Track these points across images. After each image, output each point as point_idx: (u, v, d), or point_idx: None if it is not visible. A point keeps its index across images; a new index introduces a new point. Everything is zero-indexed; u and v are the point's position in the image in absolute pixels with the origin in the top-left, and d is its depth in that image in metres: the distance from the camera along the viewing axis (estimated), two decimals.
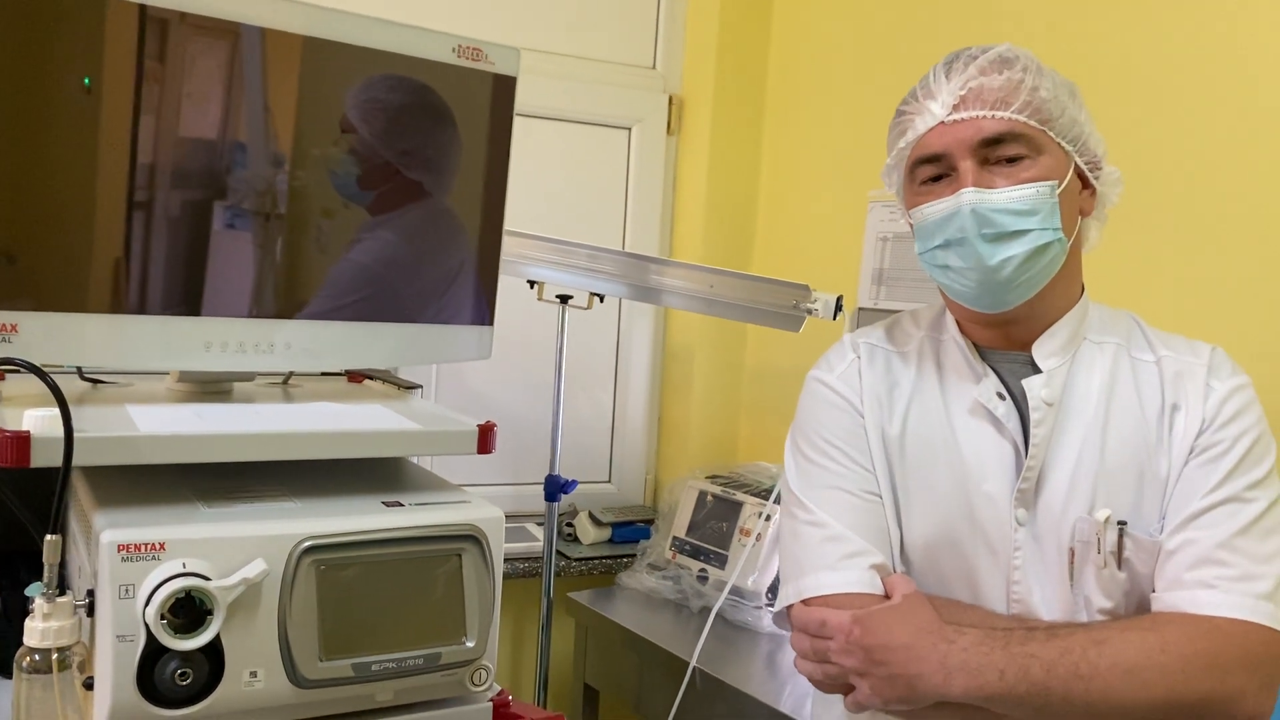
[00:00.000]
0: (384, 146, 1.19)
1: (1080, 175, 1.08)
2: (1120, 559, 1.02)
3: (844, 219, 2.26)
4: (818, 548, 1.09)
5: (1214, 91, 1.60)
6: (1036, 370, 1.08)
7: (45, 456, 0.90)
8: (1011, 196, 1.02)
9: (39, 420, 0.91)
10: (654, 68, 2.53)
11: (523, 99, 1.29)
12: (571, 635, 2.17)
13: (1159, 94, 1.67)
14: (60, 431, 0.90)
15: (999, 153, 1.03)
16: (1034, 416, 1.06)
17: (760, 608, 1.92)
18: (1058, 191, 1.03)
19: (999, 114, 1.02)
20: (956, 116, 1.03)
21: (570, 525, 2.42)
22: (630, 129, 2.49)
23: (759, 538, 1.96)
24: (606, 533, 2.40)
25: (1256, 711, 0.94)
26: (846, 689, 1.03)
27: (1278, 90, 1.52)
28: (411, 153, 1.22)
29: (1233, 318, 1.57)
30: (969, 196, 1.02)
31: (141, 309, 1.08)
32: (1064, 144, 1.05)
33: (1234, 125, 1.57)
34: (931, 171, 1.07)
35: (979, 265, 1.03)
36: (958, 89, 1.04)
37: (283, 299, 1.16)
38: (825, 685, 1.05)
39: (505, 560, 2.03)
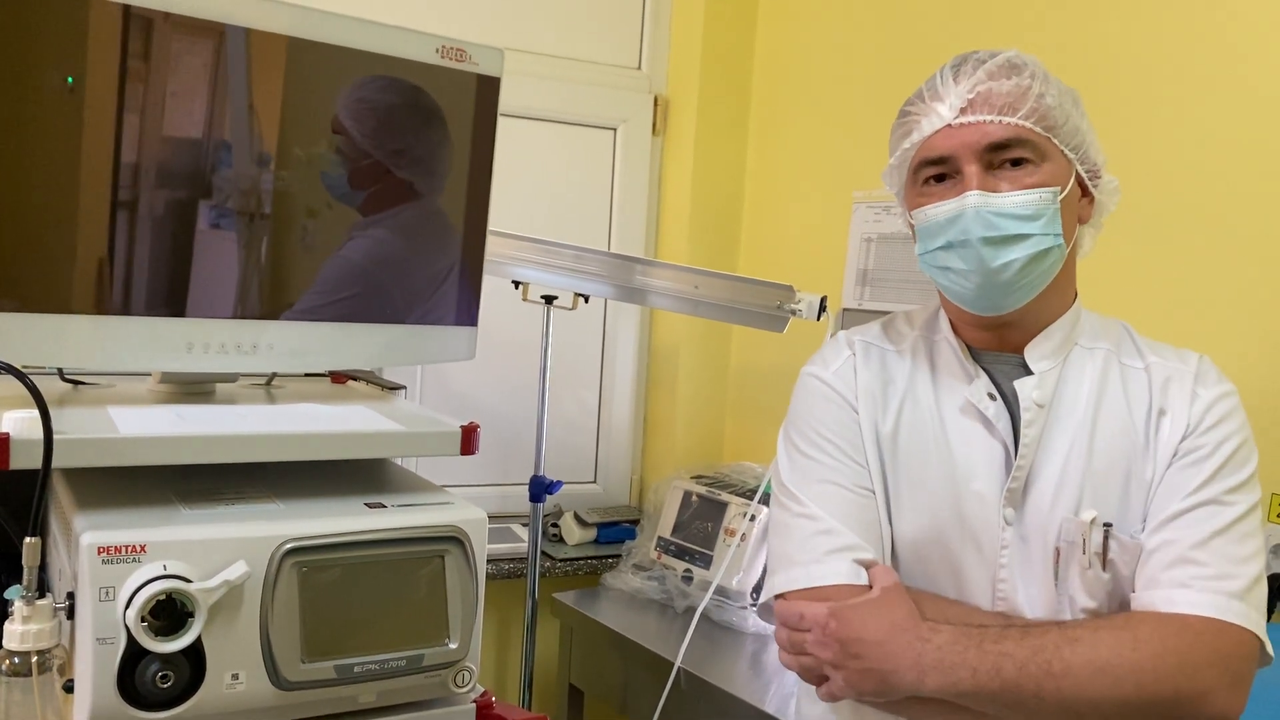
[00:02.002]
0: (374, 146, 1.19)
1: (1080, 183, 1.09)
2: (1105, 560, 1.03)
3: (828, 220, 2.27)
4: (808, 541, 1.09)
5: (1203, 99, 1.62)
6: (1028, 372, 1.09)
7: (24, 458, 0.90)
8: (1015, 201, 1.03)
9: (18, 422, 0.91)
10: (639, 68, 2.54)
11: (507, 99, 1.29)
12: (556, 636, 2.18)
13: (1146, 101, 1.68)
14: (40, 433, 0.90)
15: (1004, 156, 1.04)
16: (1025, 417, 1.07)
17: (745, 608, 1.93)
18: (1060, 198, 1.04)
19: (1006, 119, 1.03)
20: (963, 120, 1.04)
21: (555, 526, 2.42)
22: (615, 129, 2.49)
23: (744, 538, 1.96)
24: (591, 533, 2.40)
25: (1226, 709, 0.94)
26: (822, 679, 1.04)
27: (1267, 100, 1.53)
28: (402, 152, 1.22)
29: (1222, 326, 1.58)
30: (973, 200, 1.03)
31: (125, 310, 1.08)
32: (1067, 152, 1.06)
33: (1225, 133, 1.58)
34: (935, 172, 1.07)
35: (980, 268, 1.04)
36: (965, 93, 1.04)
37: (268, 299, 1.16)
38: (804, 676, 1.07)
39: (490, 561, 2.03)
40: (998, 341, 1.12)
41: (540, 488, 2.01)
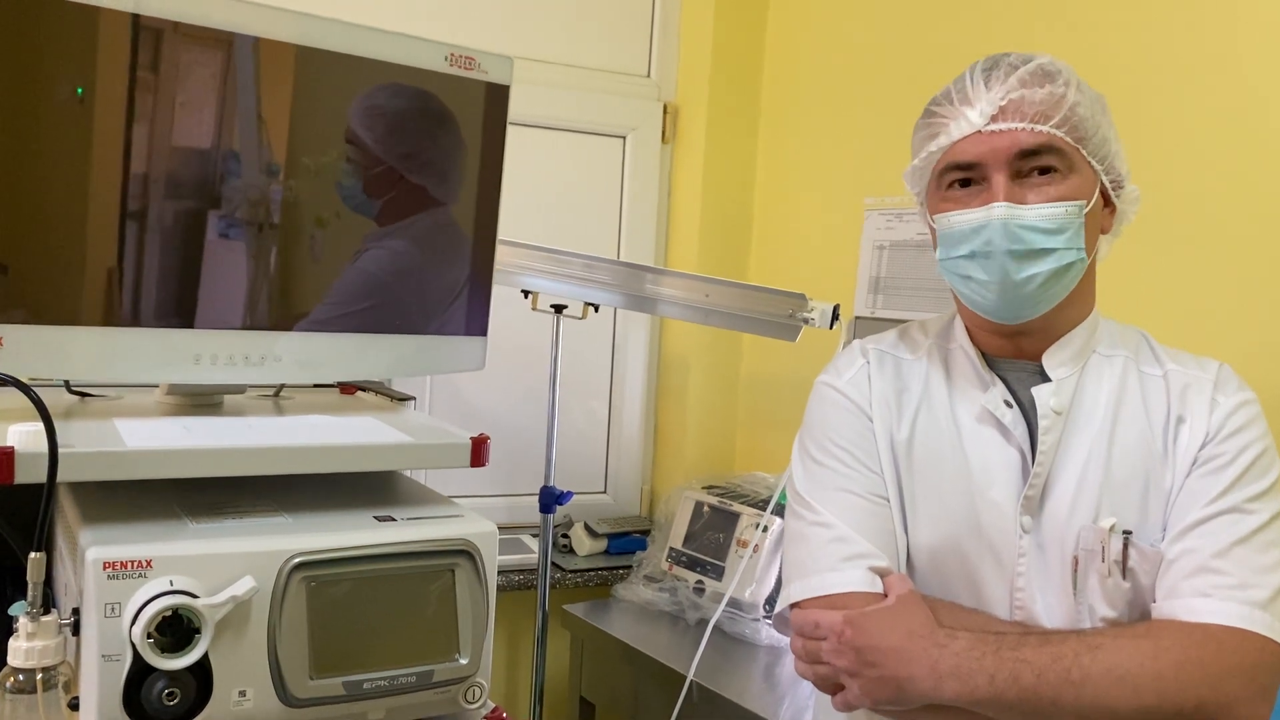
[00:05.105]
0: (386, 151, 1.19)
1: (1104, 194, 1.07)
2: (1125, 568, 1.02)
3: (840, 227, 2.26)
4: (822, 549, 1.08)
5: (1217, 104, 1.60)
6: (1045, 379, 1.08)
7: (29, 472, 0.89)
8: (1042, 214, 1.01)
9: (23, 435, 0.90)
10: (649, 76, 2.53)
11: (516, 108, 1.28)
12: (567, 648, 2.16)
13: (1160, 106, 1.67)
14: (45, 447, 0.89)
15: (1032, 164, 1.02)
16: (1042, 424, 1.06)
17: (758, 619, 1.91)
18: (1085, 211, 1.03)
19: (1038, 127, 1.01)
20: (995, 127, 1.02)
21: (565, 537, 2.41)
22: (625, 137, 2.48)
23: (756, 549, 1.95)
24: (602, 544, 2.39)
25: (1249, 719, 0.93)
26: (838, 688, 1.03)
27: None
28: (413, 156, 1.21)
29: (1238, 332, 1.57)
30: (1000, 211, 1.01)
31: (134, 321, 1.07)
32: (1094, 163, 1.04)
33: (1237, 140, 1.57)
34: (961, 177, 1.06)
35: (1003, 280, 1.03)
36: (998, 99, 1.02)
37: (277, 310, 1.15)
38: (820, 685, 1.06)
39: (500, 572, 2.02)
40: (1014, 349, 1.11)
41: (550, 498, 1.99)
